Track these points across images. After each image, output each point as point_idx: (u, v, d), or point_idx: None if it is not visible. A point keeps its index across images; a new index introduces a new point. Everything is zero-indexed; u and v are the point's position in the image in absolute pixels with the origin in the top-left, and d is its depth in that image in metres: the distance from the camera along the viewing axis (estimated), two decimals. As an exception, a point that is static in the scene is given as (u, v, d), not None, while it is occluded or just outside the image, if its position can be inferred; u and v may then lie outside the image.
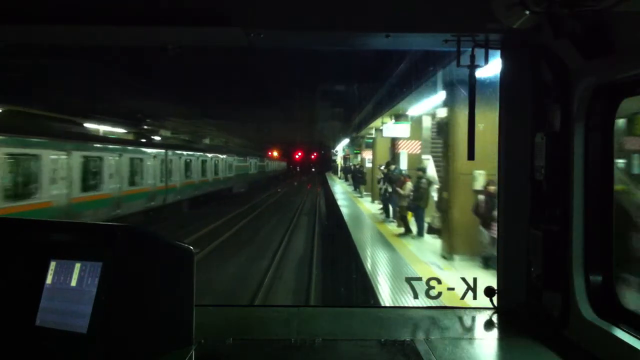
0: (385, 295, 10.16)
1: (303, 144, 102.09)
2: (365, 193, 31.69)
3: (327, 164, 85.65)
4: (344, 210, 23.90)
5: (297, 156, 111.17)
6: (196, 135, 42.99)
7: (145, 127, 31.25)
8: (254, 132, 59.76)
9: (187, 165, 32.77)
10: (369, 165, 31.86)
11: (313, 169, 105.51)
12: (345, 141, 51.37)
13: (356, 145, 42.64)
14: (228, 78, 25.22)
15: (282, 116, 43.83)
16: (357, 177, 35.30)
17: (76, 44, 3.23)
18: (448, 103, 13.37)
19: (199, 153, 36.05)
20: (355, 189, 36.27)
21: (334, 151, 73.34)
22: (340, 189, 41.03)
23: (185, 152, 32.99)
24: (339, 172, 64.07)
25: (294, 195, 52.65)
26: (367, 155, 33.05)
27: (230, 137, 57.12)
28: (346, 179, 50.56)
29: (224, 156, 43.77)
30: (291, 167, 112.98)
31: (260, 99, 33.63)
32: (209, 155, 38.79)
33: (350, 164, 47.17)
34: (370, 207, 25.64)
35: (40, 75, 19.17)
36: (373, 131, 28.94)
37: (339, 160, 66.40)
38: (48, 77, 19.90)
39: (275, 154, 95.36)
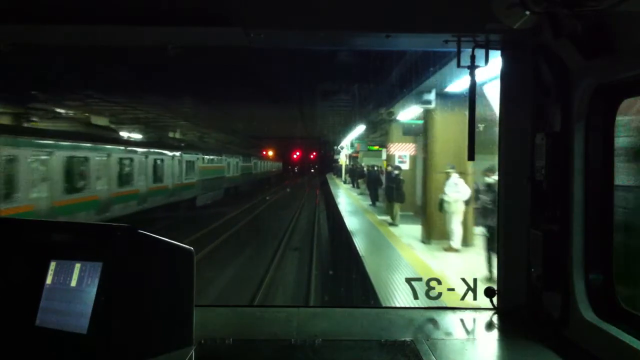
0: None
1: (301, 140, 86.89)
2: (401, 213, 18.34)
3: (327, 164, 78.07)
4: (378, 284, 10.05)
5: (295, 156, 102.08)
6: (135, 122, 29.65)
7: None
8: (243, 125, 46.22)
9: (77, 168, 19.07)
10: (400, 164, 19.62)
11: (312, 170, 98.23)
12: (355, 133, 36.76)
13: (378, 135, 30.52)
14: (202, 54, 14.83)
15: (276, 105, 31.02)
16: (387, 188, 20.02)
17: (75, 44, 3.23)
18: None
19: (117, 147, 22.30)
20: (373, 204, 25.50)
21: (337, 148, 58.83)
22: (348, 202, 27.55)
23: (75, 144, 19.08)
24: (343, 175, 52.04)
25: (284, 209, 36.20)
26: (401, 149, 20.60)
27: (199, 128, 42.66)
28: (353, 184, 39.98)
29: (177, 153, 29.46)
30: (289, 167, 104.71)
31: (246, 79, 21.90)
32: (139, 150, 24.66)
33: (363, 164, 36.18)
34: (434, 263, 11.67)
35: None
36: (432, 95, 14.53)
37: (343, 160, 54.02)
38: None
39: (270, 152, 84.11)
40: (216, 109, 30.98)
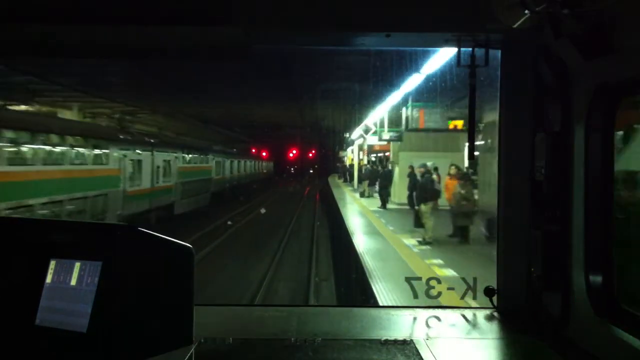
0: None
1: (296, 132, 65.87)
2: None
3: (330, 164, 64.15)
4: None
5: (291, 154, 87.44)
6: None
7: None
8: (215, 111, 35.86)
9: None
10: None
11: (311, 170, 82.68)
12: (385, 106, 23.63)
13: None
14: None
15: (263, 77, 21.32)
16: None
17: (75, 44, 3.23)
18: None
19: None
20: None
21: (350, 136, 41.56)
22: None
23: None
24: (355, 181, 34.76)
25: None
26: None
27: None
28: (384, 204, 23.96)
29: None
30: (286, 167, 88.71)
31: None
32: None
33: (427, 166, 17.56)
34: None
35: None
36: None
37: (352, 157, 36.88)
38: None
39: (253, 149, 70.16)
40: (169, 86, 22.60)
